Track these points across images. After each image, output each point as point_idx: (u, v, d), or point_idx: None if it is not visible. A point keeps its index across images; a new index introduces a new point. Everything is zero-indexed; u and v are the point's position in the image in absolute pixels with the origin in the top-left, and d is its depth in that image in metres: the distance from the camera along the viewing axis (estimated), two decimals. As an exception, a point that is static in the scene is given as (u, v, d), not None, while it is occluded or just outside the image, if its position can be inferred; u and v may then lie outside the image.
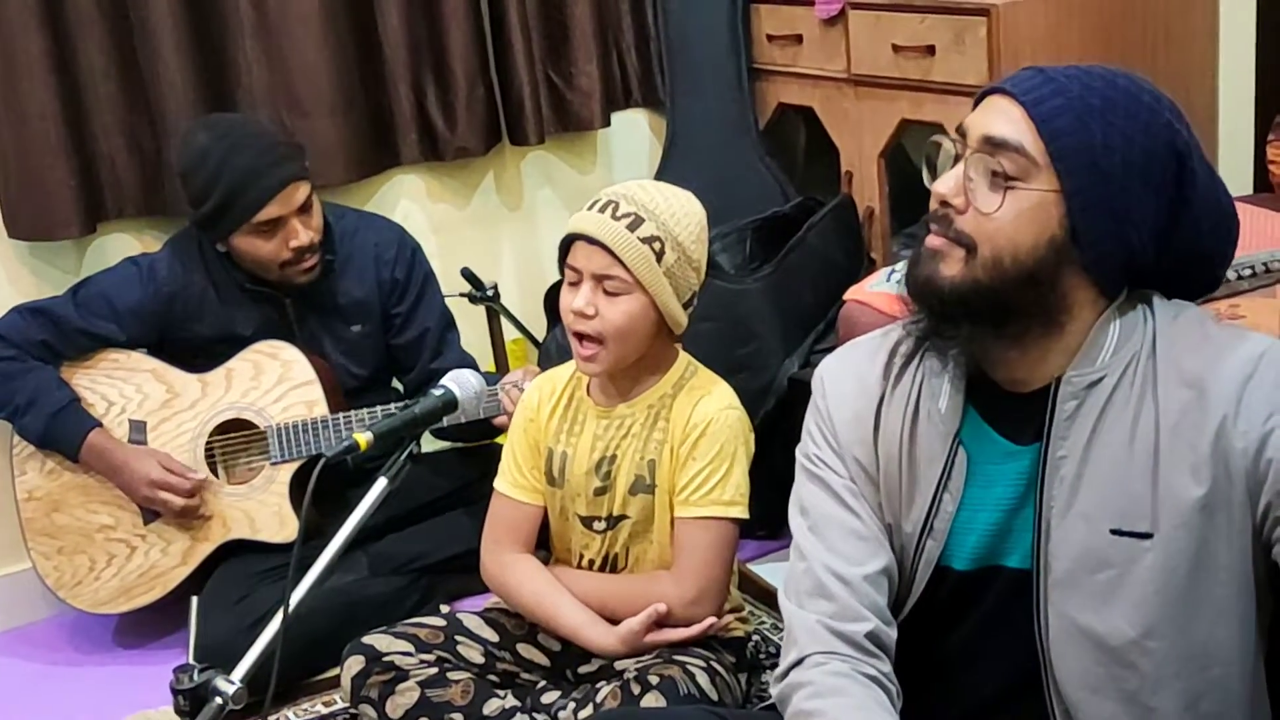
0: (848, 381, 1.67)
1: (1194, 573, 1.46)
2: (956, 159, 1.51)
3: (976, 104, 1.54)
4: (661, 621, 2.13)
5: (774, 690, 1.61)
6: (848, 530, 1.61)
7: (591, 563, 2.25)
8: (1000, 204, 1.45)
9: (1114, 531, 1.49)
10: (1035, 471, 1.53)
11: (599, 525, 2.22)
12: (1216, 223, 1.54)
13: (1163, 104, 1.50)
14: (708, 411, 2.13)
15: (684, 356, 2.23)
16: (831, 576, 1.58)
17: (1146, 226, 1.49)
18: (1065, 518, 1.51)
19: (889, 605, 1.61)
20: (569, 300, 2.10)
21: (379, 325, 2.96)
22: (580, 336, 2.10)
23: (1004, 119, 1.47)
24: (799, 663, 1.57)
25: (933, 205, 1.52)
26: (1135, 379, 1.50)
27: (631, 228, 2.05)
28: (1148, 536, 1.47)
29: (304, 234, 2.75)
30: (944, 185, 1.49)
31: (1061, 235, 1.46)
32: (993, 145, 1.46)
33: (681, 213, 2.10)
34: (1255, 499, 1.44)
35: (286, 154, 2.74)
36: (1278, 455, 1.41)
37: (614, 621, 2.17)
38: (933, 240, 1.51)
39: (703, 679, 2.06)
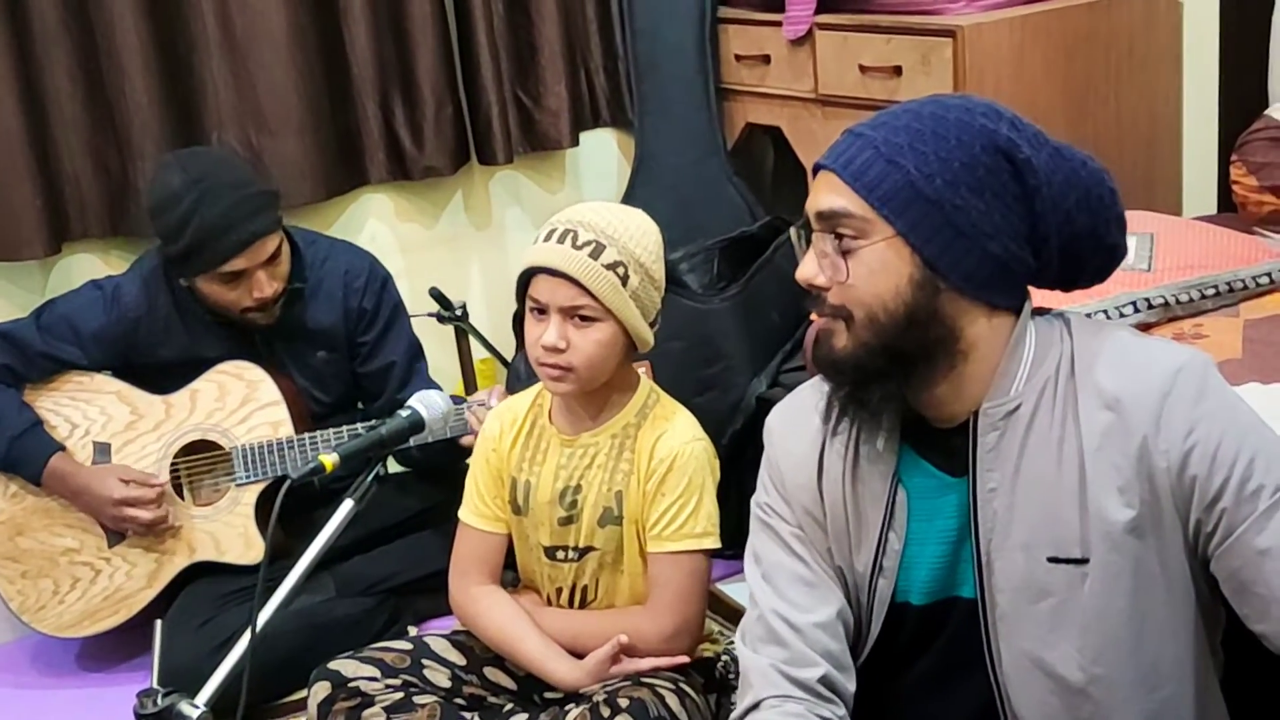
0: (792, 430, 1.69)
1: (1134, 595, 1.47)
2: (808, 243, 1.55)
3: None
4: (628, 650, 2.12)
5: None
6: (796, 578, 1.64)
7: (560, 591, 2.24)
8: (847, 269, 1.48)
9: (1051, 560, 1.49)
10: (969, 504, 1.54)
11: (563, 555, 2.20)
12: (1082, 196, 1.50)
13: (976, 111, 1.50)
14: (673, 445, 2.12)
15: (646, 383, 2.22)
16: (782, 623, 1.61)
17: (1006, 232, 1.47)
18: (1004, 549, 1.52)
19: (849, 648, 1.62)
20: (536, 334, 2.06)
21: (345, 353, 2.94)
22: (549, 367, 2.08)
23: (828, 191, 1.50)
24: (755, 706, 1.58)
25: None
26: (1055, 403, 1.50)
27: (594, 255, 2.02)
28: (1084, 562, 1.48)
29: (268, 286, 2.72)
30: (803, 271, 1.53)
31: (920, 271, 1.47)
32: (825, 219, 1.50)
33: (639, 233, 2.08)
34: (1184, 517, 1.45)
35: (259, 205, 2.69)
36: (1201, 471, 1.42)
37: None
38: (817, 322, 1.56)
39: (672, 701, 2.05)
